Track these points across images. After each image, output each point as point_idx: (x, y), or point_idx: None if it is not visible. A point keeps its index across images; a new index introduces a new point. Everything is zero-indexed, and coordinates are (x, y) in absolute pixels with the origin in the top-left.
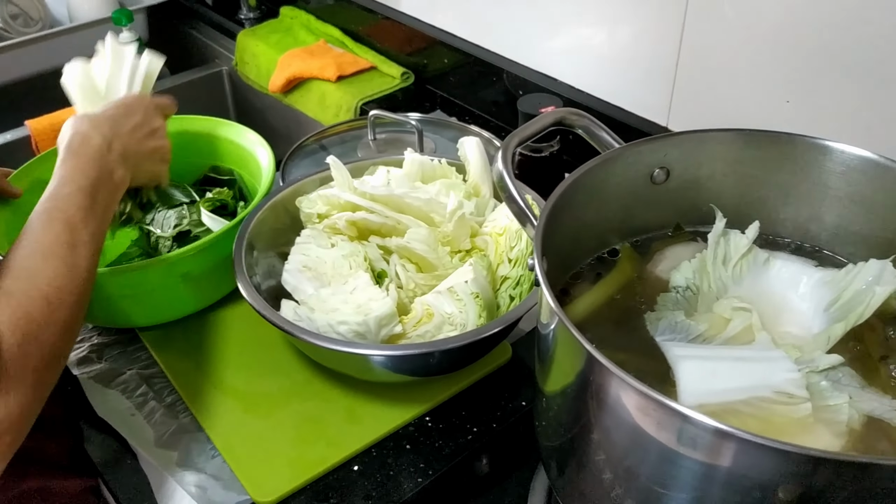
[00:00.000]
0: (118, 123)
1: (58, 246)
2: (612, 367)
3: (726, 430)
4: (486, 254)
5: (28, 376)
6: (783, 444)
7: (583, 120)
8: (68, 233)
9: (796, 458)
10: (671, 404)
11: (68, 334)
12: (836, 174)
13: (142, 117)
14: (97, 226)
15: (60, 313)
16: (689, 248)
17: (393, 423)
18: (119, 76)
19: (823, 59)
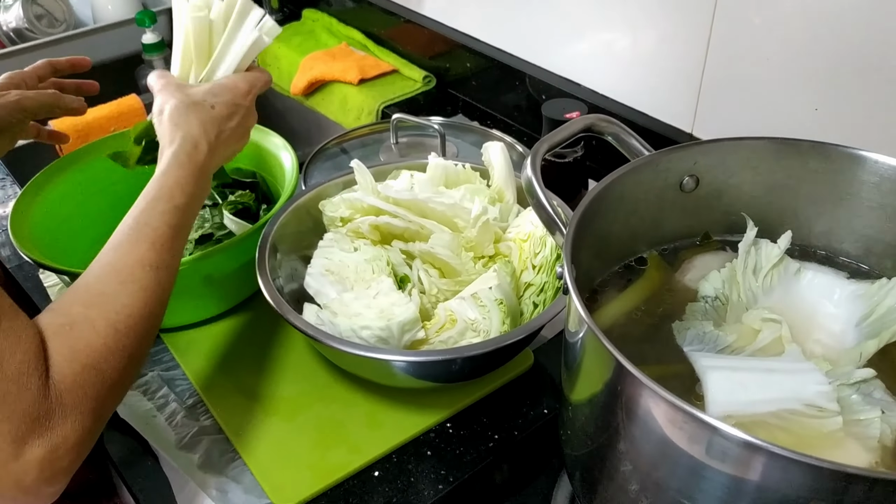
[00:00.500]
0: (223, 128)
1: (139, 268)
2: (643, 378)
3: (757, 444)
4: (509, 260)
5: (87, 404)
6: (815, 459)
7: (612, 127)
8: (154, 254)
9: (829, 474)
10: (701, 416)
11: (134, 362)
12: (870, 185)
13: (242, 117)
14: (182, 245)
15: (128, 341)
16: (718, 258)
17: (414, 430)
18: (234, 43)
19: (853, 67)
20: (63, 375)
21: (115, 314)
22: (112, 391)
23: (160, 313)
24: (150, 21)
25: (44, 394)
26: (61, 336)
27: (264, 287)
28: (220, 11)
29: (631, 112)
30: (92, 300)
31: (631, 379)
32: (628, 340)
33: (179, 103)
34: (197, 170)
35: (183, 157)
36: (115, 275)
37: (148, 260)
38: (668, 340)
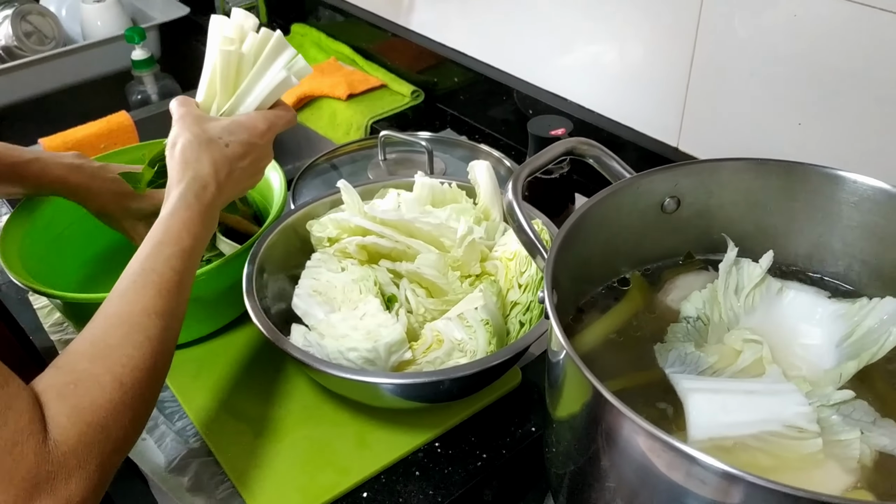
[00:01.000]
0: (235, 167)
1: (145, 317)
2: (621, 406)
3: (735, 474)
4: (495, 279)
5: (92, 463)
6: (791, 488)
7: (593, 150)
8: (160, 300)
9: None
10: (680, 446)
11: (140, 415)
12: (849, 204)
13: (256, 157)
14: (188, 288)
15: (134, 393)
16: (701, 278)
17: (403, 450)
18: (262, 80)
19: (834, 82)
20: (66, 437)
21: (121, 367)
22: (118, 446)
23: (167, 362)
24: (139, 37)
25: (44, 458)
26: (65, 396)
27: (252, 310)
28: (253, 45)
29: (617, 126)
30: (97, 353)
31: (609, 407)
32: (610, 362)
33: (193, 138)
34: (204, 210)
35: (191, 197)
36: (121, 325)
37: (154, 307)
38: (651, 361)
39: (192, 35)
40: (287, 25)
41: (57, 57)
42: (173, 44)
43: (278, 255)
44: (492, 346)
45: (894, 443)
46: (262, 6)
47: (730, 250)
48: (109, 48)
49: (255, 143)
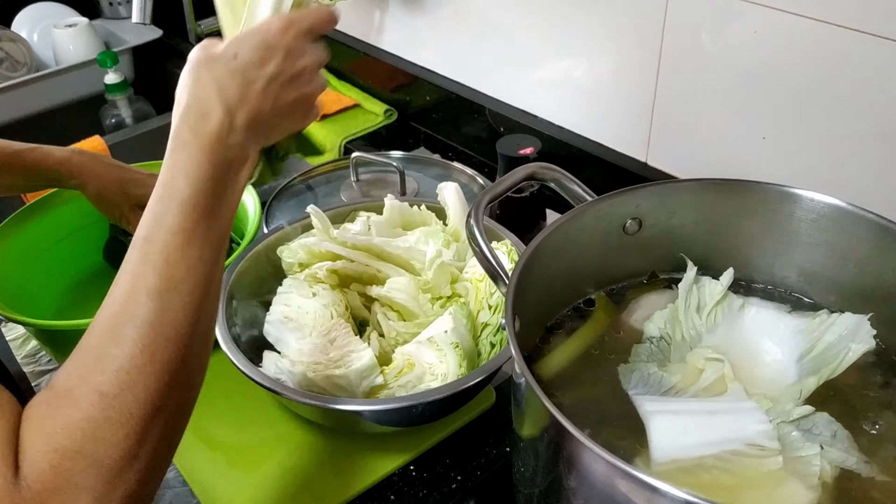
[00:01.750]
0: (249, 78)
1: (132, 303)
2: (579, 435)
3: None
4: (465, 301)
5: (81, 496)
6: None
7: (553, 174)
8: (152, 276)
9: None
10: (638, 474)
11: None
12: (808, 222)
13: (281, 60)
14: (207, 253)
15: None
16: (664, 297)
17: (377, 474)
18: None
19: (795, 97)
20: (37, 470)
21: (100, 373)
22: (117, 472)
23: (174, 353)
24: (111, 62)
25: (12, 499)
26: (37, 418)
27: (221, 338)
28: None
29: (586, 142)
30: (77, 361)
31: (568, 435)
32: (576, 384)
33: (192, 63)
34: (207, 144)
35: (185, 132)
36: (105, 318)
37: (144, 286)
38: (616, 383)
39: (166, 57)
40: None
41: (29, 83)
42: (147, 67)
43: (250, 281)
44: (462, 368)
45: (850, 459)
46: None
47: (689, 270)
48: (82, 73)
49: (272, 45)
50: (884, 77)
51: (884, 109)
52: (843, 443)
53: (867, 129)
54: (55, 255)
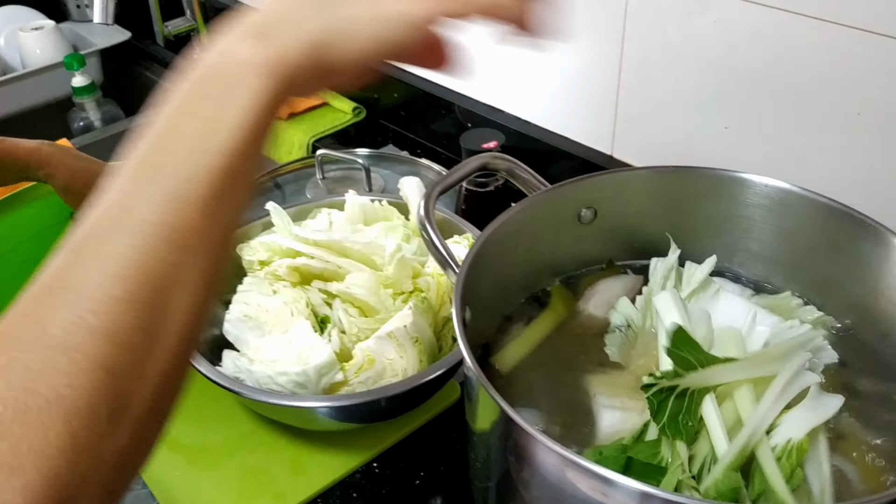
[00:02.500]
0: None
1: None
2: (528, 427)
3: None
4: (426, 296)
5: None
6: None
7: (506, 163)
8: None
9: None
10: (585, 464)
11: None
12: (763, 207)
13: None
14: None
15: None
16: (620, 282)
17: (340, 472)
18: None
19: (755, 87)
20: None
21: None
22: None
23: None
24: (78, 64)
25: None
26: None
27: None
28: None
29: (553, 136)
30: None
31: (519, 429)
32: (531, 375)
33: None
34: (249, 48)
35: (224, 39)
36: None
37: (149, 216)
38: (575, 372)
39: (134, 60)
40: None
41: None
42: (116, 69)
43: None
44: (423, 363)
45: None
46: (203, 29)
47: (672, 253)
48: (49, 76)
49: None
50: (843, 65)
51: (843, 98)
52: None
53: (827, 118)
54: (19, 256)
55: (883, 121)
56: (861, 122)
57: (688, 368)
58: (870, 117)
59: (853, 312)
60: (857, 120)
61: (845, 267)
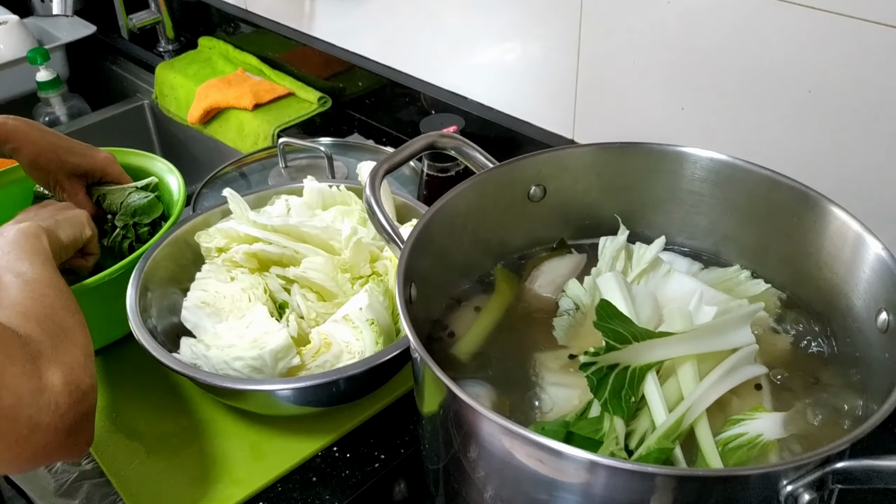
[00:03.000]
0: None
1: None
2: (466, 398)
3: (594, 460)
4: (383, 279)
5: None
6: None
7: (454, 142)
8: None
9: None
10: (530, 436)
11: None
12: (709, 182)
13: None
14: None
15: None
16: (565, 262)
17: (299, 456)
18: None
19: (708, 67)
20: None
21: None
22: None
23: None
24: (41, 58)
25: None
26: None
27: (136, 329)
28: None
29: (515, 122)
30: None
31: (459, 401)
32: (488, 359)
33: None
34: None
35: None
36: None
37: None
38: (525, 352)
39: (100, 54)
40: (195, 39)
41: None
42: (81, 64)
43: (169, 268)
44: (379, 345)
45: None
46: (168, 22)
47: (620, 234)
48: (13, 71)
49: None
50: (795, 45)
51: (795, 76)
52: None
53: (779, 97)
54: None
55: (832, 98)
56: (811, 100)
57: (621, 341)
58: (821, 95)
59: (799, 283)
60: (808, 98)
61: (790, 238)
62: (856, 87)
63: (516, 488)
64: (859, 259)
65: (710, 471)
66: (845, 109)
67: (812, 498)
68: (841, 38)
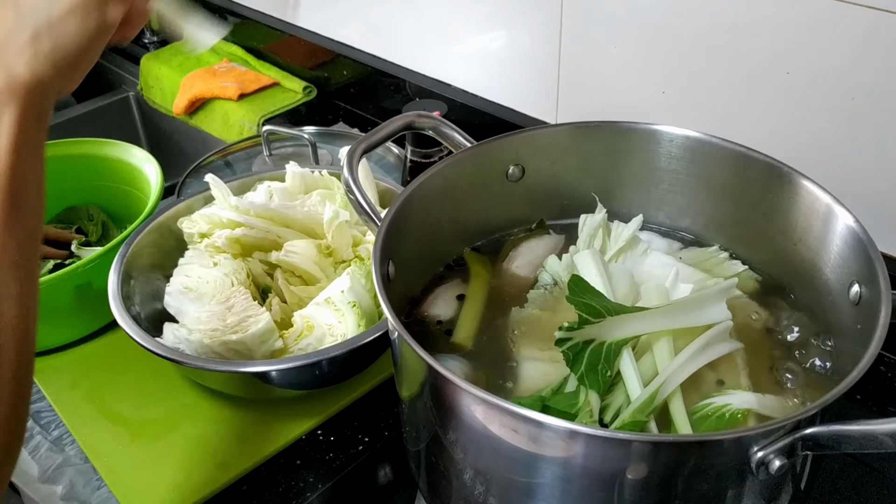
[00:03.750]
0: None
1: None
2: (444, 371)
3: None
4: (365, 262)
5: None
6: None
7: (431, 122)
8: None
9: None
10: (511, 407)
11: None
12: (685, 160)
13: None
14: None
15: None
16: (543, 242)
17: (283, 440)
18: None
19: (688, 50)
20: None
21: None
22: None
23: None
24: None
25: None
26: None
27: (118, 315)
28: None
29: (499, 108)
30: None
31: (437, 375)
32: (481, 343)
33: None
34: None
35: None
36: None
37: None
38: (497, 329)
39: None
40: None
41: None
42: None
43: (153, 255)
44: (361, 327)
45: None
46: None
47: (598, 212)
48: None
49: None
50: (774, 26)
51: (773, 58)
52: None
53: (758, 78)
54: None
55: (810, 81)
56: (790, 81)
57: (594, 315)
58: (798, 76)
59: (775, 261)
60: (787, 79)
61: (765, 215)
62: (834, 69)
63: (495, 463)
64: (831, 232)
65: (682, 436)
66: (823, 91)
67: (783, 464)
68: (819, 20)
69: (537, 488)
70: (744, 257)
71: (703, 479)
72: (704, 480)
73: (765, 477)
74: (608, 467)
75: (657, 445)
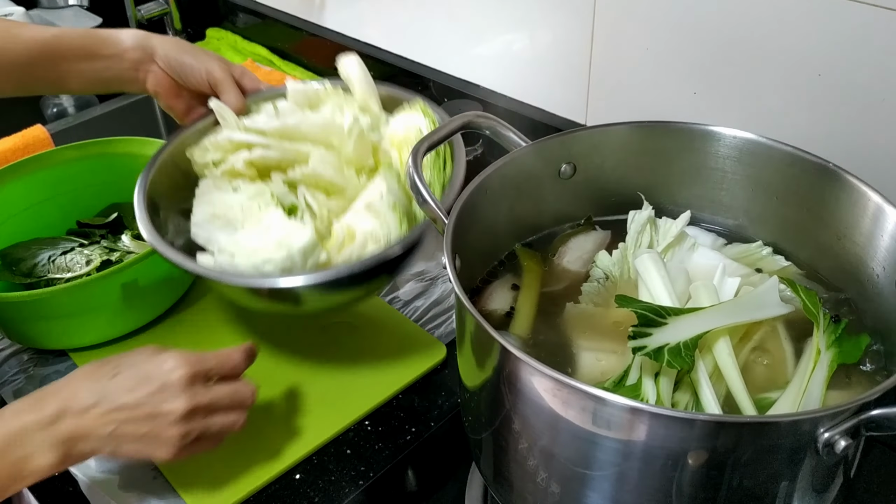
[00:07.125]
0: (102, 395)
1: None
2: (519, 354)
3: (639, 407)
4: (392, 166)
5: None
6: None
7: (489, 122)
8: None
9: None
10: (572, 382)
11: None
12: (732, 159)
13: (148, 395)
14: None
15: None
16: (590, 238)
17: (332, 430)
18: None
19: (727, 53)
20: None
21: None
22: None
23: None
24: None
25: None
26: None
27: (158, 246)
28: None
29: (527, 108)
30: None
31: (510, 357)
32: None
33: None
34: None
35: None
36: None
37: None
38: (554, 322)
39: None
40: (202, 30)
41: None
42: None
43: (164, 192)
44: (403, 227)
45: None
46: (176, 13)
47: (644, 209)
48: None
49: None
50: (806, 30)
51: (807, 60)
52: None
53: (791, 80)
54: (8, 230)
55: (841, 81)
56: (822, 83)
57: (658, 315)
58: (830, 78)
59: (819, 255)
60: (819, 81)
61: (810, 212)
62: (864, 73)
63: (564, 449)
64: (879, 229)
65: (751, 417)
66: (854, 93)
67: (847, 444)
68: (848, 21)
69: (605, 474)
70: (785, 251)
71: (767, 461)
72: (768, 462)
73: (829, 458)
74: (674, 447)
75: (722, 426)
